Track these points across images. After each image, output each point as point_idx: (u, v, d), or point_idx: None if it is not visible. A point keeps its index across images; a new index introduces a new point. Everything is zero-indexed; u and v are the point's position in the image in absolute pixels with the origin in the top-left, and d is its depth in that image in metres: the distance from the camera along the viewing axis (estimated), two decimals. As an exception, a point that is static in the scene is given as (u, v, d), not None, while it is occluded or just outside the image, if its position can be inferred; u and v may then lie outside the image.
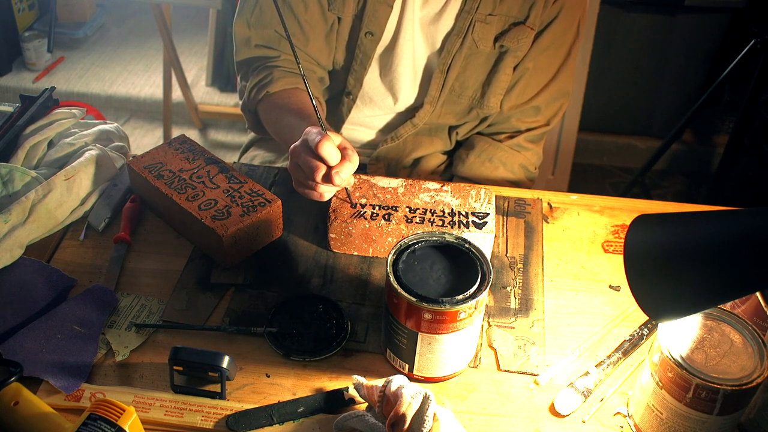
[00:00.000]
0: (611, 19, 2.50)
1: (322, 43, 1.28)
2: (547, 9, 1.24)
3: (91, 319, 0.99)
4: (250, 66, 1.31)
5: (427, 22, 1.26)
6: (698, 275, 0.72)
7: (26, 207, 1.09)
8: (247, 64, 1.31)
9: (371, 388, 0.87)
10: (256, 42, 1.29)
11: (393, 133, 1.37)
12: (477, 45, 1.25)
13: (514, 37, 1.25)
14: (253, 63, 1.30)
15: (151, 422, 0.89)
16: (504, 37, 1.25)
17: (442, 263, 0.91)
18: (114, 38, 3.21)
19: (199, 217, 1.06)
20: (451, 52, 1.26)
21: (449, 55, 1.26)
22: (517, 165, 1.37)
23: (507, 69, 1.29)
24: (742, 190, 2.51)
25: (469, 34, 1.25)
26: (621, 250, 0.98)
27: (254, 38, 1.28)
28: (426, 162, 1.42)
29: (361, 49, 1.27)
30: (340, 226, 1.09)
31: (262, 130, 1.34)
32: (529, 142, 1.37)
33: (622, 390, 0.94)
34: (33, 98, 1.28)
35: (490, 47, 1.26)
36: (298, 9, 1.25)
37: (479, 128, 1.38)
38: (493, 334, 1.00)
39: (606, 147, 2.83)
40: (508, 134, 1.37)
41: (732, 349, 0.82)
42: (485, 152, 1.36)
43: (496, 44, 1.26)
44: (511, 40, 1.25)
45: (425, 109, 1.32)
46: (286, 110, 1.23)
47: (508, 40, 1.25)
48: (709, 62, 2.62)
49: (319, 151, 0.99)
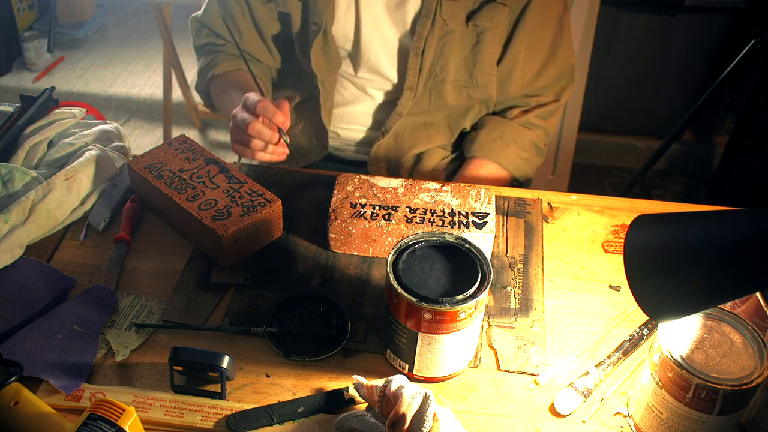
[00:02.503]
0: (611, 19, 2.50)
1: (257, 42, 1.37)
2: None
3: (91, 319, 0.99)
4: (202, 51, 1.43)
5: (393, 7, 1.26)
6: (698, 275, 0.72)
7: (26, 207, 1.09)
8: (199, 49, 1.43)
9: (371, 388, 0.87)
10: (206, 32, 1.40)
11: (383, 127, 1.37)
12: (447, 24, 1.25)
13: (487, 15, 1.25)
14: (204, 48, 1.42)
15: (151, 422, 0.89)
16: (477, 15, 1.25)
17: (442, 263, 0.91)
18: (114, 38, 3.21)
19: (199, 217, 1.06)
20: (423, 34, 1.26)
21: (421, 38, 1.26)
22: (528, 142, 1.37)
23: (489, 48, 1.28)
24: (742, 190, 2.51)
25: (438, 14, 1.24)
26: (621, 250, 0.98)
27: (204, 29, 1.40)
28: (427, 159, 1.41)
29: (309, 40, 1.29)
30: (340, 226, 1.09)
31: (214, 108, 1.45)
32: (539, 119, 1.37)
33: (622, 390, 0.94)
34: (33, 98, 1.28)
35: (462, 26, 1.26)
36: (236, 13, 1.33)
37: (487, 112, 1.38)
38: (493, 334, 1.00)
39: (606, 147, 2.83)
40: (519, 110, 1.37)
41: (732, 349, 0.82)
42: (496, 130, 1.36)
43: (469, 23, 1.25)
44: (484, 19, 1.25)
45: (405, 95, 1.32)
46: (230, 87, 1.34)
47: (481, 19, 1.25)
48: (709, 62, 2.62)
49: (257, 110, 1.12)
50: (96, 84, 2.94)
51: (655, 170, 2.71)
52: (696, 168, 2.80)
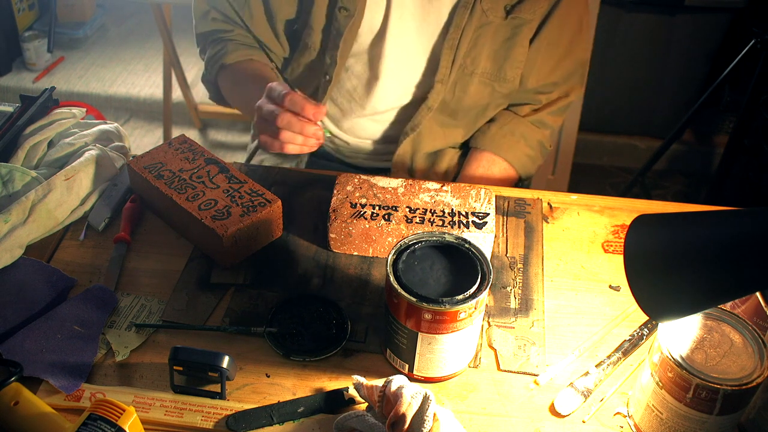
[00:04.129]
0: (611, 19, 2.50)
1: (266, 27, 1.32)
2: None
3: (91, 319, 0.99)
4: (207, 39, 1.37)
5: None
6: (698, 275, 0.72)
7: (26, 207, 1.09)
8: (204, 37, 1.37)
9: (371, 388, 0.86)
10: (213, 16, 1.34)
11: (411, 122, 1.33)
12: (486, 15, 1.22)
13: (530, 8, 1.23)
14: (210, 36, 1.36)
15: (151, 422, 0.89)
16: (519, 7, 1.23)
17: (442, 263, 0.91)
18: (114, 38, 3.21)
19: (199, 217, 1.06)
20: (460, 25, 1.23)
21: (458, 29, 1.23)
22: (536, 141, 1.36)
23: (524, 41, 1.26)
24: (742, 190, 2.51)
25: (477, 4, 1.21)
26: (621, 250, 0.98)
27: (212, 12, 1.34)
28: (440, 159, 1.39)
29: (335, 26, 1.25)
30: (340, 226, 1.09)
31: (223, 100, 1.40)
32: (551, 116, 1.37)
33: (622, 390, 0.94)
34: (33, 98, 1.28)
35: (500, 18, 1.23)
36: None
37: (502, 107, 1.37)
38: (493, 334, 1.00)
39: (606, 147, 2.83)
40: (530, 107, 1.36)
41: (732, 349, 0.82)
42: (508, 125, 1.35)
43: (508, 15, 1.23)
44: (526, 11, 1.23)
45: (437, 88, 1.29)
46: (244, 78, 1.29)
47: (524, 11, 1.23)
48: (709, 62, 2.62)
49: (285, 103, 1.07)
50: (96, 84, 2.94)
51: (655, 170, 2.71)
52: (696, 168, 2.80)
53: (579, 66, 1.35)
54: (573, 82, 1.36)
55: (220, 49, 1.33)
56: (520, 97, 1.36)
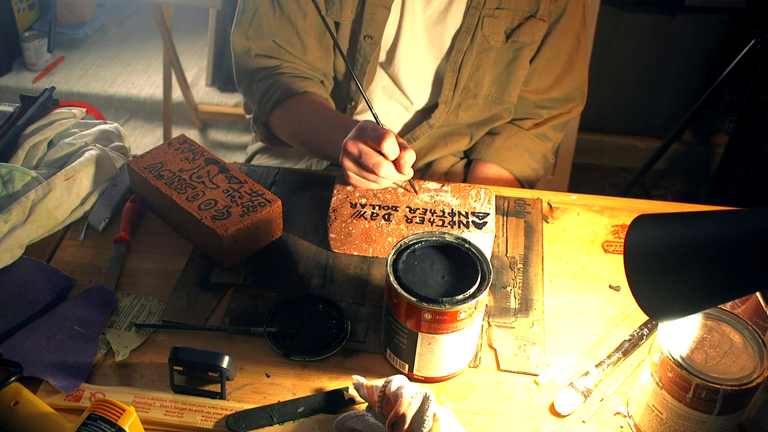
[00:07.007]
0: (611, 19, 2.50)
1: (319, 51, 1.29)
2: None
3: (91, 319, 0.99)
4: (253, 78, 1.31)
5: (432, 22, 1.26)
6: (698, 275, 0.72)
7: (26, 207, 1.09)
8: (249, 76, 1.31)
9: (371, 388, 0.87)
10: (256, 52, 1.29)
11: (409, 134, 1.36)
12: (488, 41, 1.25)
13: (528, 32, 1.25)
14: (257, 74, 1.30)
15: (151, 422, 0.89)
16: (518, 32, 1.25)
17: (442, 263, 0.91)
18: (114, 38, 3.21)
19: (199, 217, 1.06)
20: (461, 50, 1.26)
21: (459, 54, 1.26)
22: (539, 154, 1.38)
23: (525, 63, 1.29)
24: (742, 190, 2.51)
25: (478, 30, 1.24)
26: (621, 250, 0.98)
27: (254, 49, 1.28)
28: (438, 165, 1.41)
29: (361, 53, 1.27)
30: (340, 226, 1.09)
31: (276, 140, 1.34)
32: (554, 130, 1.39)
33: (622, 390, 0.94)
34: (33, 98, 1.28)
35: (501, 42, 1.26)
36: (296, 19, 1.25)
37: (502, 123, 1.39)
38: (493, 334, 1.00)
39: (606, 147, 2.83)
40: (532, 121, 1.38)
41: (732, 349, 0.82)
42: (512, 138, 1.37)
43: (508, 40, 1.26)
44: (525, 35, 1.26)
45: (440, 109, 1.32)
46: (306, 114, 1.24)
47: (523, 35, 1.25)
48: (709, 62, 2.62)
49: (383, 146, 1.02)
50: (96, 84, 2.94)
51: (655, 170, 2.71)
52: (696, 168, 2.80)
53: (580, 84, 1.37)
54: (575, 101, 1.38)
55: (271, 85, 1.27)
56: (522, 111, 1.38)
